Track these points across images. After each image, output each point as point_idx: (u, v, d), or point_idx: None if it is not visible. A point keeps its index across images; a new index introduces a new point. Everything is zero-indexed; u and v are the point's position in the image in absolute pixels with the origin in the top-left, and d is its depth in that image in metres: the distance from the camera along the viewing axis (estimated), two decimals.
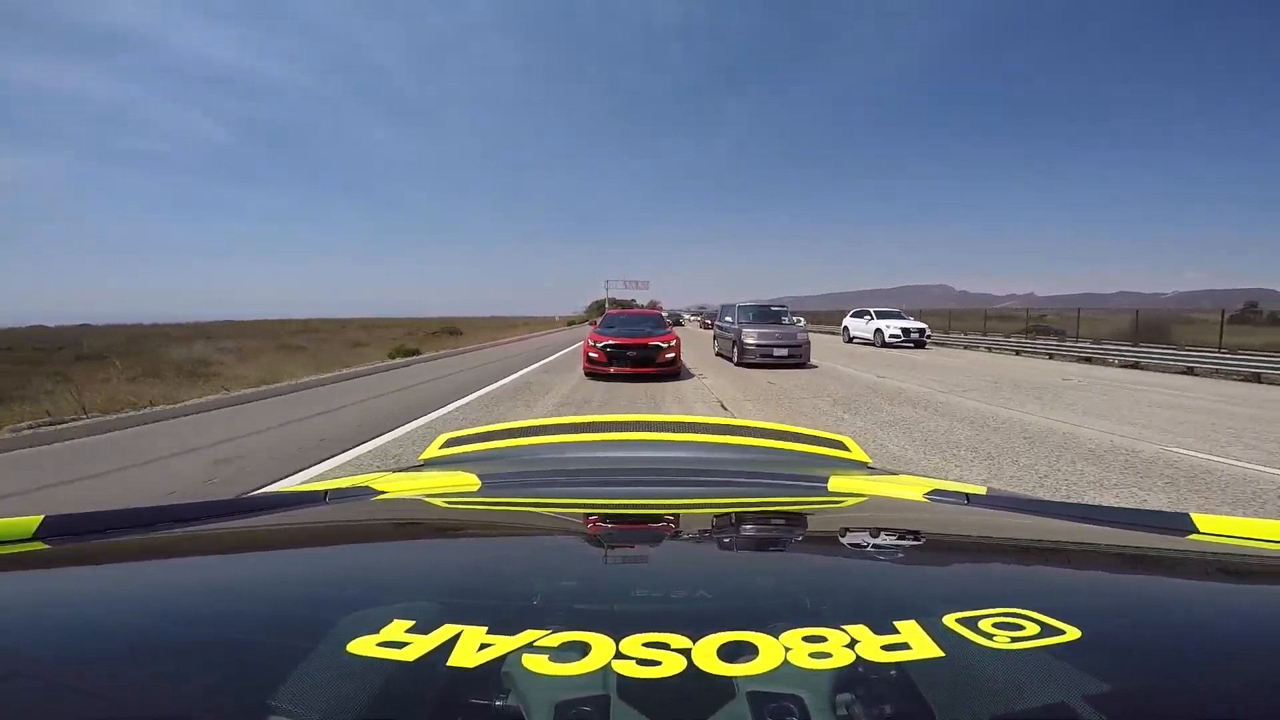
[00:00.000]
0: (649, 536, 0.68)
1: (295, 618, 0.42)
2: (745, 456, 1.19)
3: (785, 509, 0.83)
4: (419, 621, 0.35)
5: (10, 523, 0.55)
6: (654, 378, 9.41)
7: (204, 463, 4.51)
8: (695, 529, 0.73)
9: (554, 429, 1.33)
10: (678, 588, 0.47)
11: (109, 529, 0.61)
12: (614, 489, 0.92)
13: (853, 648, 0.32)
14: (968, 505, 0.81)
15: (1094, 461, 4.73)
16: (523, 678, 0.30)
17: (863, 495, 0.89)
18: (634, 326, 10.70)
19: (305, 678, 0.30)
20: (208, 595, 0.46)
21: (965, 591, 0.49)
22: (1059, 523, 0.74)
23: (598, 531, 0.71)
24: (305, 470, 4.30)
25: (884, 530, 0.74)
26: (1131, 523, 0.70)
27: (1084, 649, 0.33)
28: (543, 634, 0.34)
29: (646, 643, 0.33)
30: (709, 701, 0.28)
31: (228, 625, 0.40)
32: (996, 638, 0.34)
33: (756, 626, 0.35)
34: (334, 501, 0.80)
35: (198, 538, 0.64)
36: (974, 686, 0.30)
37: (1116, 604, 0.47)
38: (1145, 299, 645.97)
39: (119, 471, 4.31)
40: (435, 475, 0.98)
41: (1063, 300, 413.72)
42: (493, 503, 0.86)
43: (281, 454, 4.76)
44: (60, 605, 0.44)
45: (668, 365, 9.54)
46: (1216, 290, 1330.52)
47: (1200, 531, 0.62)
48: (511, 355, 15.77)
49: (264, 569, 0.56)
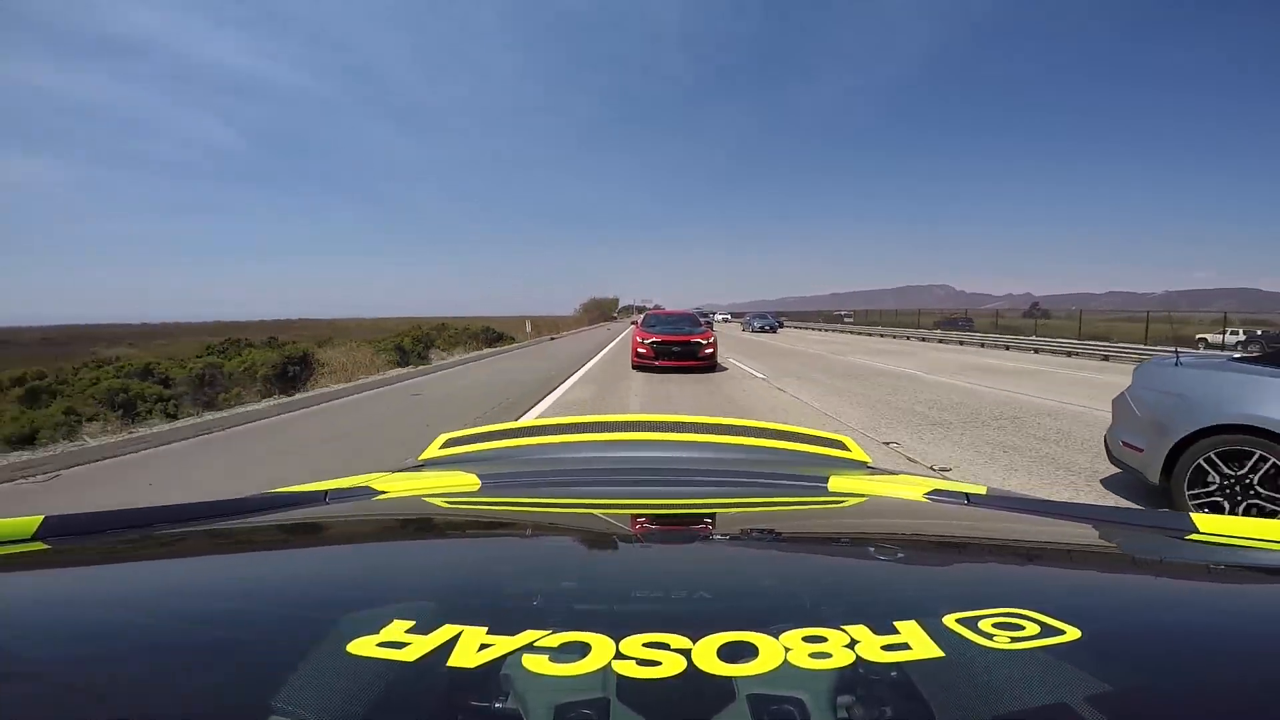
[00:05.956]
0: (649, 536, 0.68)
1: (295, 618, 0.42)
2: (745, 456, 1.19)
3: (785, 509, 0.83)
4: (419, 621, 0.35)
5: (10, 523, 0.55)
6: (693, 370, 10.71)
7: (503, 380, 9.97)
8: (695, 529, 0.73)
9: (554, 429, 1.32)
10: (677, 588, 0.47)
11: (109, 529, 0.61)
12: (614, 489, 0.92)
13: (853, 648, 0.32)
14: (968, 505, 0.81)
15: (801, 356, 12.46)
16: (523, 678, 0.30)
17: (862, 495, 0.89)
18: (674, 325, 11.65)
19: (305, 678, 0.30)
20: (208, 595, 0.46)
21: (965, 591, 0.49)
22: (1059, 523, 0.74)
23: (598, 531, 0.71)
24: (563, 384, 9.42)
25: (884, 530, 0.74)
26: (1131, 523, 0.70)
27: (1084, 649, 0.33)
28: (543, 634, 0.34)
29: (646, 643, 0.33)
30: (709, 702, 0.28)
31: (227, 625, 0.40)
32: (996, 638, 0.34)
33: (756, 627, 0.35)
34: (334, 501, 0.80)
35: (198, 538, 0.64)
36: (974, 687, 0.30)
37: (1116, 604, 0.47)
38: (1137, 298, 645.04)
39: None
40: (435, 475, 0.98)
41: (1057, 299, 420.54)
42: (493, 503, 0.86)
43: (536, 380, 9.75)
44: (60, 605, 0.44)
45: (707, 360, 10.80)
46: (1208, 290, 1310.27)
47: (1200, 531, 0.62)
48: (587, 341, 23.30)
49: (264, 569, 0.56)
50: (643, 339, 10.75)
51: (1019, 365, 13.14)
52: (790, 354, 16.12)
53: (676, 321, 11.94)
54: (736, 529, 0.71)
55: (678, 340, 10.62)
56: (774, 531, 0.70)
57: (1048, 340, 18.65)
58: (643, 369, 10.62)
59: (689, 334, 10.90)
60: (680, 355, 10.56)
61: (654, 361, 10.48)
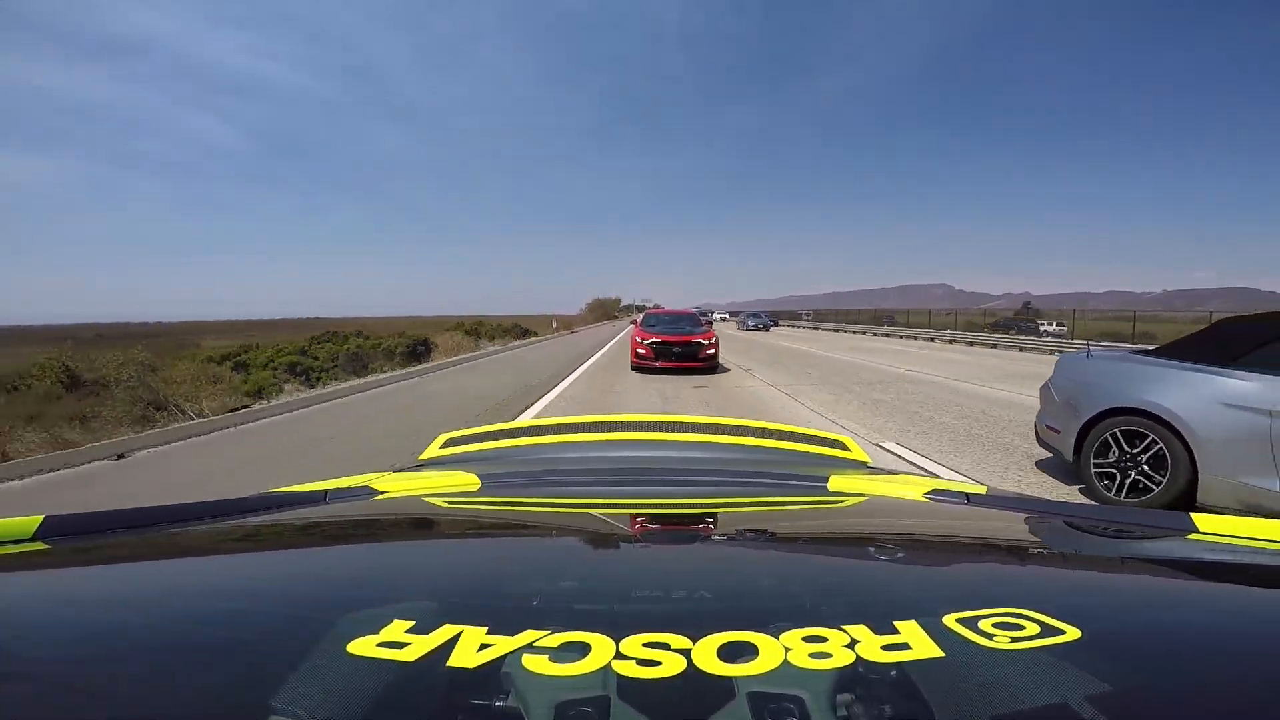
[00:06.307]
0: (649, 536, 0.68)
1: (295, 618, 0.42)
2: (745, 456, 1.19)
3: (785, 509, 0.83)
4: (419, 621, 0.35)
5: (10, 523, 0.55)
6: (696, 371, 10.43)
7: (563, 352, 14.73)
8: (695, 529, 0.73)
9: (554, 429, 1.33)
10: (678, 587, 0.47)
11: (109, 529, 0.61)
12: (614, 489, 0.92)
13: (853, 648, 0.32)
14: (968, 505, 0.81)
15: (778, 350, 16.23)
16: (523, 678, 0.30)
17: (862, 495, 0.89)
18: (675, 325, 11.35)
19: (305, 678, 0.30)
20: (208, 595, 0.46)
21: (965, 591, 0.49)
22: (1059, 522, 0.74)
23: (598, 531, 0.71)
24: (577, 370, 11.17)
25: (884, 530, 0.74)
26: (1131, 522, 0.70)
27: (1084, 649, 0.33)
28: (543, 634, 0.34)
29: (646, 643, 0.33)
30: (709, 702, 0.28)
31: (228, 625, 0.40)
32: (996, 638, 0.34)
33: (756, 626, 0.35)
34: (334, 501, 0.80)
35: (198, 538, 0.64)
36: (974, 687, 0.30)
37: (1116, 604, 0.47)
38: (1135, 298, 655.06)
39: None
40: (435, 475, 0.98)
41: (1055, 299, 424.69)
42: (493, 502, 0.86)
43: (580, 352, 13.93)
44: (60, 605, 0.44)
45: (709, 360, 10.63)
46: (1206, 290, 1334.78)
47: (1200, 531, 0.62)
48: (602, 332, 28.10)
49: (264, 569, 0.55)
50: (642, 339, 10.51)
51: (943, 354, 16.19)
52: (761, 345, 20.66)
53: (677, 321, 11.65)
54: (736, 529, 0.71)
55: (678, 340, 10.43)
56: (774, 531, 0.70)
57: (1033, 340, 20.48)
58: (641, 370, 10.43)
59: (689, 334, 10.65)
60: (681, 356, 10.35)
61: (653, 363, 10.31)
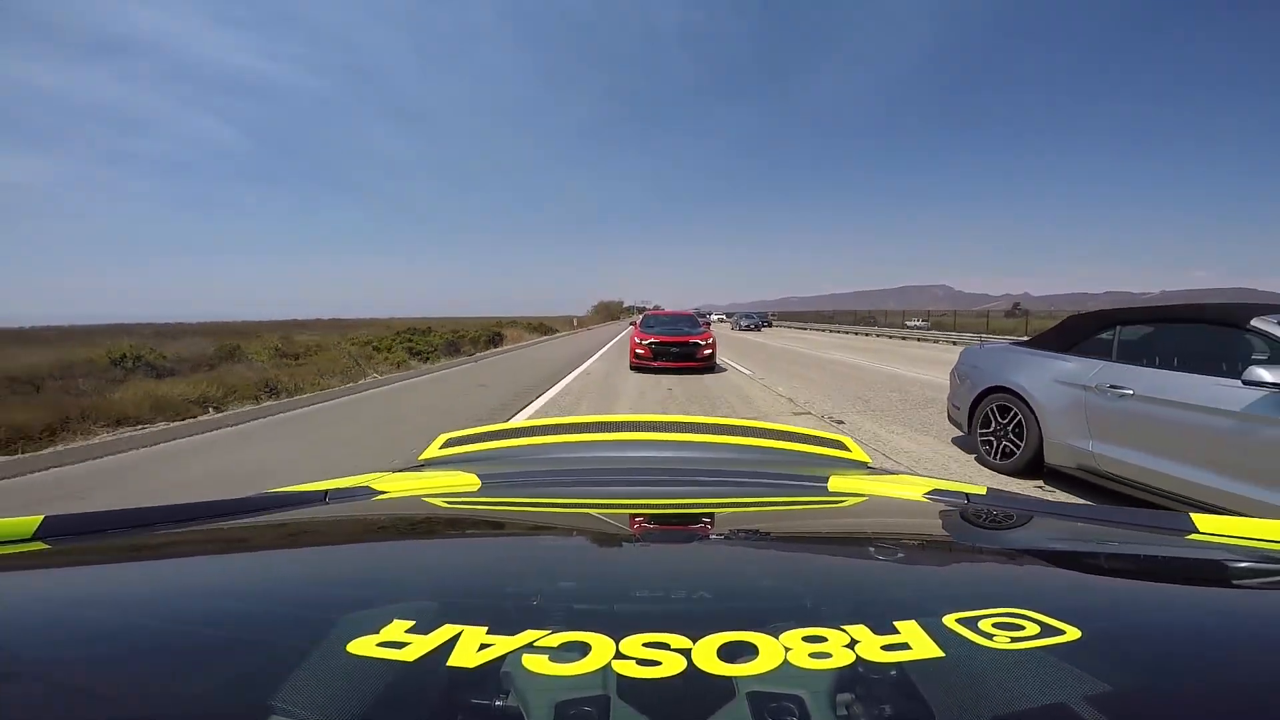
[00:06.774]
0: (649, 536, 0.68)
1: (295, 618, 0.42)
2: (745, 456, 1.19)
3: (785, 509, 0.83)
4: (419, 621, 0.35)
5: (10, 523, 0.55)
6: (693, 371, 10.78)
7: (593, 340, 21.29)
8: (695, 529, 0.73)
9: (554, 429, 1.32)
10: (677, 588, 0.47)
11: (109, 529, 0.61)
12: (614, 489, 0.92)
13: (853, 648, 0.32)
14: (968, 505, 0.81)
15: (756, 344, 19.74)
16: (523, 678, 0.30)
17: (862, 495, 0.89)
18: (673, 326, 11.72)
19: (305, 678, 0.30)
20: (208, 595, 0.46)
21: (965, 592, 0.49)
22: (1059, 522, 0.74)
23: (598, 531, 0.71)
24: (605, 346, 17.56)
25: (884, 530, 0.74)
26: (1131, 523, 0.70)
27: (1084, 649, 0.33)
28: (543, 634, 0.34)
29: (646, 643, 0.33)
30: (709, 702, 0.28)
31: (228, 625, 0.40)
32: (996, 638, 0.34)
33: (756, 626, 0.35)
34: (334, 501, 0.80)
35: (198, 538, 0.64)
36: (974, 687, 0.30)
37: (1116, 604, 0.47)
38: (1134, 298, 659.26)
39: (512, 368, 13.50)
40: (435, 475, 0.98)
41: (1054, 299, 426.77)
42: (493, 503, 0.86)
43: (592, 344, 18.71)
44: (60, 605, 0.43)
45: (706, 360, 10.93)
46: (1204, 289, 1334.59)
47: (1200, 531, 0.62)
48: (612, 329, 31.73)
49: (264, 569, 0.55)
50: (641, 339, 10.77)
51: None
52: (742, 340, 23.90)
53: (675, 322, 11.96)
54: (736, 529, 0.71)
55: (675, 341, 10.70)
56: (774, 532, 0.70)
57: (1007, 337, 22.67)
58: (640, 370, 10.64)
59: (687, 335, 10.95)
60: (678, 356, 10.61)
61: (652, 362, 10.53)
